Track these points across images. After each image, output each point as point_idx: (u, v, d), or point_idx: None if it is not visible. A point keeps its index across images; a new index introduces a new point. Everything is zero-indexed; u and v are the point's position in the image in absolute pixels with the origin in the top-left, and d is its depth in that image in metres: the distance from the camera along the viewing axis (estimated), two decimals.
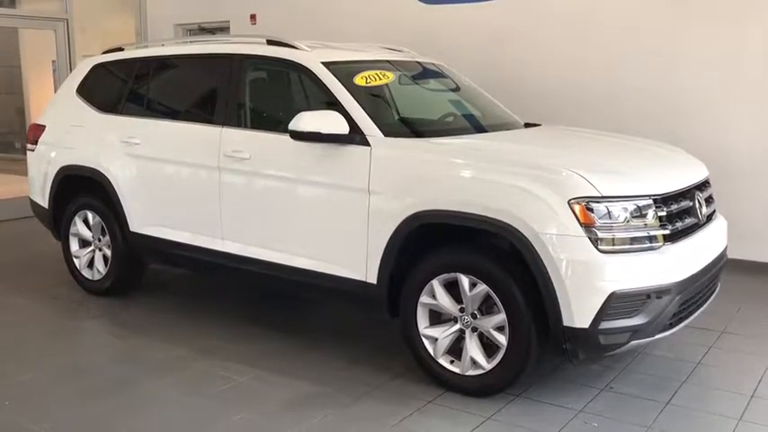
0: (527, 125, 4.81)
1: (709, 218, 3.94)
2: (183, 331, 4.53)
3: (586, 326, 3.30)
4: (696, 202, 3.81)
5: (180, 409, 3.56)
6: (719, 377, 3.91)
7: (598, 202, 3.33)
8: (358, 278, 3.89)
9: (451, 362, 3.70)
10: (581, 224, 3.30)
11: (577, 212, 3.31)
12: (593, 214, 3.31)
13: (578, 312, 3.30)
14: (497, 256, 3.55)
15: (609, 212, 3.34)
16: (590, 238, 3.30)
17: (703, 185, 3.99)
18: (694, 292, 3.63)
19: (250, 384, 3.79)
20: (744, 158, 5.71)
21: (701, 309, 3.80)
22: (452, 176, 3.61)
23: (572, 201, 3.32)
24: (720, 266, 3.95)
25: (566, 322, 3.33)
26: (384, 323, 4.03)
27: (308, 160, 4.03)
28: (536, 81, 6.49)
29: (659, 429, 3.33)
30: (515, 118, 4.91)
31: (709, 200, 4.01)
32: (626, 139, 4.52)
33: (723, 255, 4.01)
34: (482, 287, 3.53)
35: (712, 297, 3.94)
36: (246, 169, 4.28)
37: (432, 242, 3.74)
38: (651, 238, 3.40)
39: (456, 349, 3.70)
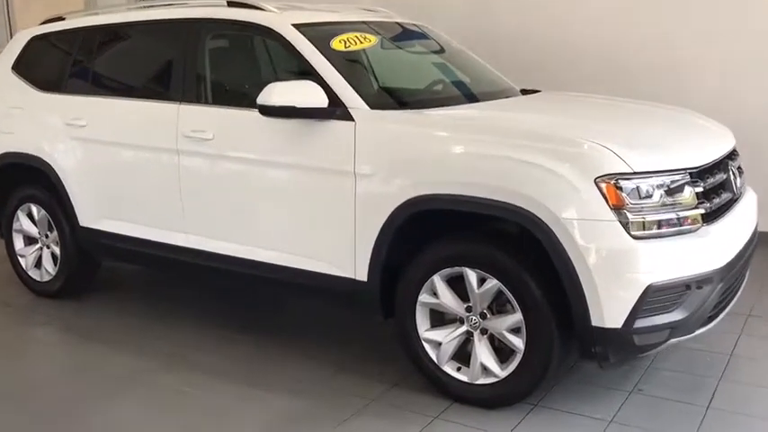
0: (524, 92, 4.28)
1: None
2: (145, 338, 3.96)
3: (619, 325, 2.81)
4: (731, 173, 3.32)
5: None
6: (758, 371, 3.45)
7: (629, 179, 2.82)
8: (345, 275, 3.35)
9: (458, 369, 3.19)
10: (610, 206, 2.79)
11: (606, 192, 2.79)
12: (624, 194, 2.80)
13: (609, 310, 2.80)
14: (510, 246, 3.03)
15: (642, 191, 2.83)
16: (621, 223, 2.79)
17: (733, 154, 3.50)
18: (734, 277, 3.16)
19: (222, 403, 3.25)
20: (753, 112, 5.19)
21: (738, 295, 3.33)
22: (455, 154, 3.06)
23: (599, 179, 2.80)
24: (754, 245, 3.48)
25: (594, 322, 2.83)
26: (374, 322, 3.48)
27: (280, 139, 3.46)
28: (520, 44, 5.92)
29: None
30: (510, 84, 4.37)
31: (740, 170, 3.52)
32: (641, 104, 4.01)
33: (755, 232, 3.54)
34: (493, 283, 3.01)
35: (745, 281, 3.48)
36: (209, 151, 3.69)
37: (431, 231, 3.21)
38: (689, 220, 2.90)
39: (463, 354, 3.19)
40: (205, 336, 3.94)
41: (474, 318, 3.10)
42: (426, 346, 3.22)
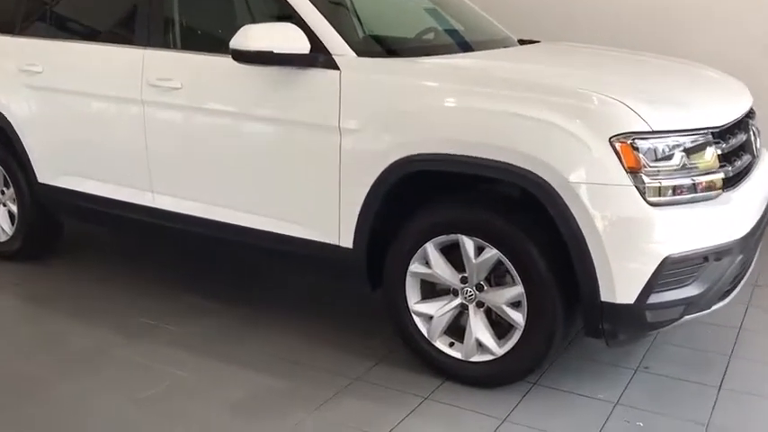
0: (522, 42, 3.94)
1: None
2: (111, 307, 3.64)
3: (631, 301, 2.54)
4: (751, 133, 3.03)
5: (103, 422, 2.71)
6: None
7: (646, 138, 2.52)
8: (329, 242, 3.04)
9: (451, 345, 2.92)
10: (626, 169, 2.49)
11: (621, 153, 2.49)
12: (641, 155, 2.50)
13: (621, 284, 2.53)
14: (512, 212, 2.73)
15: (660, 152, 2.54)
16: (637, 188, 2.49)
17: (751, 112, 3.20)
18: (753, 248, 2.89)
19: (193, 381, 2.96)
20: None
21: (752, 266, 3.08)
22: (450, 108, 2.74)
23: (614, 138, 2.50)
24: None
25: (604, 297, 2.55)
26: (360, 292, 3.19)
27: (257, 89, 3.11)
28: None
29: (719, 427, 2.63)
30: (507, 33, 4.02)
31: (758, 129, 3.23)
32: (651, 56, 3.69)
33: None
34: (492, 252, 2.72)
35: (758, 251, 3.22)
36: (177, 102, 3.32)
37: (425, 194, 2.91)
38: (709, 185, 2.62)
39: (456, 329, 2.91)
40: (174, 306, 3.62)
41: (470, 290, 2.82)
42: (416, 319, 2.94)
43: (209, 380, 2.96)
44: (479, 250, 2.75)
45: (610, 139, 2.49)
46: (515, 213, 2.72)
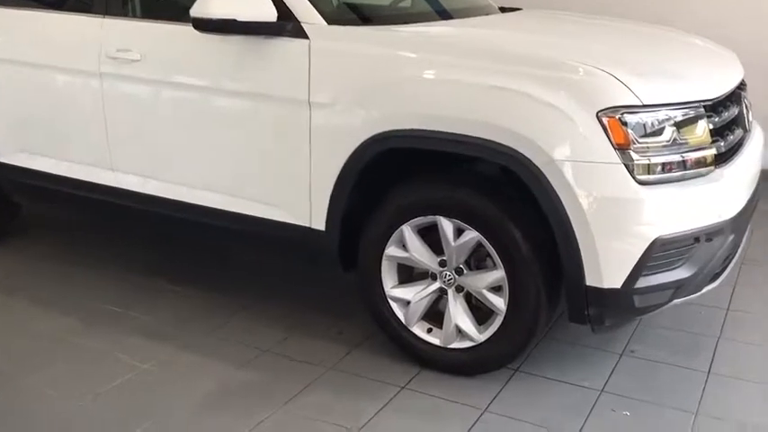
0: (502, 10, 3.75)
1: None
2: (73, 293, 3.44)
3: (618, 285, 2.40)
4: (744, 106, 2.89)
5: (58, 419, 2.55)
6: (759, 328, 3.11)
7: (636, 112, 2.36)
8: (299, 223, 2.87)
9: (429, 331, 2.77)
10: (614, 145, 2.34)
11: (609, 128, 2.34)
12: (630, 131, 2.35)
13: (608, 268, 2.39)
14: (493, 192, 2.58)
15: (650, 127, 2.38)
16: (626, 165, 2.34)
17: (743, 84, 3.06)
18: (744, 227, 2.77)
19: (157, 373, 2.79)
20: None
21: (742, 246, 2.95)
22: (429, 81, 2.55)
23: (602, 112, 2.34)
24: (759, 188, 3.08)
25: (590, 282, 2.41)
26: (334, 274, 3.02)
27: (220, 61, 2.90)
28: None
29: (708, 414, 2.52)
30: (487, 0, 3.84)
31: (750, 102, 3.09)
32: (639, 25, 3.52)
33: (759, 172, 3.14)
34: (472, 235, 2.56)
35: (749, 229, 3.10)
36: (137, 75, 3.10)
37: (401, 173, 2.74)
38: (700, 161, 2.47)
39: (435, 314, 2.77)
40: (138, 290, 3.44)
41: (448, 273, 2.67)
42: (393, 304, 2.79)
43: (173, 372, 2.80)
44: (459, 232, 2.60)
45: (597, 113, 2.33)
46: (497, 193, 2.56)
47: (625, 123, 2.34)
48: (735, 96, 2.82)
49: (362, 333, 3.01)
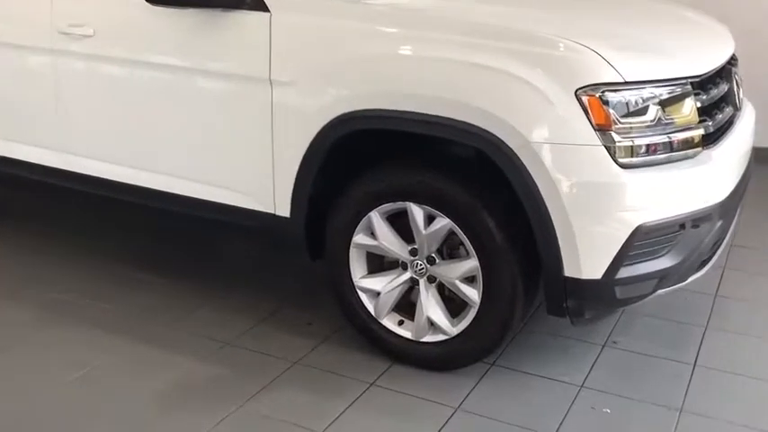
0: None
1: None
2: (32, 281, 3.26)
3: (598, 276, 2.25)
4: (734, 82, 2.72)
5: (6, 420, 2.39)
6: (750, 316, 2.97)
7: (618, 90, 2.19)
8: (263, 210, 2.70)
9: (400, 323, 2.62)
10: (594, 126, 2.17)
11: (589, 108, 2.17)
12: (612, 110, 2.18)
13: (588, 258, 2.23)
14: (466, 177, 2.41)
15: (633, 106, 2.21)
16: (606, 147, 2.18)
17: (733, 59, 2.88)
18: (733, 211, 2.61)
19: (115, 368, 2.63)
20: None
21: (731, 231, 2.80)
22: (398, 57, 2.37)
23: (581, 90, 2.17)
24: (751, 168, 2.92)
25: (568, 272, 2.26)
26: (301, 262, 2.86)
27: (176, 36, 2.71)
28: None
29: (693, 411, 2.38)
30: None
31: (740, 78, 2.92)
32: None
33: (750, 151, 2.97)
34: (444, 222, 2.40)
35: (739, 213, 2.94)
36: (91, 51, 2.91)
37: (368, 155, 2.57)
38: (687, 142, 2.31)
39: (406, 305, 2.62)
40: (106, 279, 3.27)
41: (420, 263, 2.51)
42: (362, 295, 2.63)
43: (132, 367, 2.64)
44: (430, 219, 2.44)
45: (576, 91, 2.16)
46: (469, 178, 2.40)
47: (606, 102, 2.17)
48: (725, 72, 2.65)
49: (332, 325, 2.85)
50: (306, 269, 3.04)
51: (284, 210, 2.65)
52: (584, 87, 2.16)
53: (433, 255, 2.48)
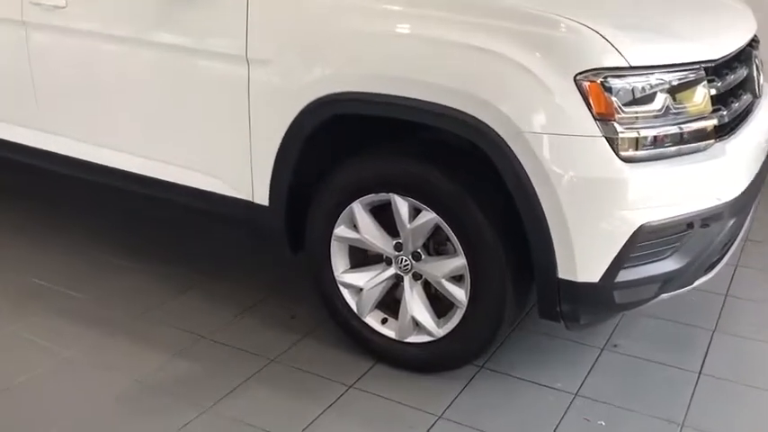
0: None
1: None
2: (1, 264, 3.14)
3: (596, 279, 2.06)
4: (754, 67, 2.50)
5: None
6: (765, 319, 2.77)
7: (623, 76, 1.98)
8: (240, 197, 2.53)
9: (384, 321, 2.45)
10: (594, 115, 1.97)
11: (589, 95, 1.96)
12: (614, 98, 1.97)
13: (584, 259, 2.05)
14: (452, 166, 2.22)
15: (638, 94, 2.00)
16: (608, 139, 1.98)
17: (755, 41, 2.65)
18: (746, 209, 2.40)
19: (79, 363, 2.49)
20: None
21: (745, 229, 2.58)
22: (384, 36, 2.17)
23: (581, 76, 1.96)
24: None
25: (562, 274, 2.07)
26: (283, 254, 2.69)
27: (149, 9, 2.52)
28: None
29: (697, 426, 2.19)
30: None
31: (761, 62, 2.69)
32: None
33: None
34: (429, 216, 2.22)
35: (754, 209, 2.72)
36: (62, 24, 2.74)
37: (351, 142, 2.38)
38: (698, 134, 2.10)
39: (391, 302, 2.45)
40: (78, 264, 3.13)
41: (405, 258, 2.33)
42: (344, 291, 2.46)
43: (97, 361, 2.49)
44: (415, 212, 2.26)
45: (575, 77, 1.96)
46: (457, 169, 2.20)
47: (608, 89, 1.96)
48: (744, 56, 2.43)
49: (316, 319, 2.69)
50: (297, 257, 2.87)
51: (263, 198, 2.48)
52: (584, 72, 1.95)
53: (419, 250, 2.30)
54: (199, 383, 2.38)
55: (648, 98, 2.02)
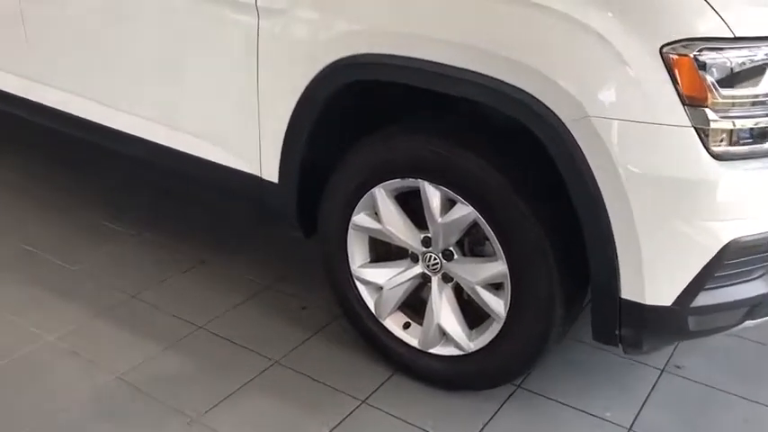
0: None
1: None
2: None
3: (668, 302, 1.66)
4: None
5: None
6: None
7: (722, 49, 1.55)
8: (247, 170, 2.17)
9: (406, 326, 2.10)
10: (682, 98, 1.54)
11: (677, 72, 1.53)
12: (710, 78, 1.54)
13: (655, 278, 1.64)
14: (498, 151, 1.82)
15: (740, 73, 1.57)
16: (698, 130, 1.55)
17: None
18: None
19: (59, 350, 2.19)
20: None
21: None
22: None
23: (669, 47, 1.53)
24: None
25: (626, 293, 1.68)
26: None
27: None
28: None
29: None
30: None
31: None
32: None
33: None
34: (465, 210, 1.83)
35: None
36: None
37: (375, 113, 1.99)
38: None
39: (416, 303, 2.08)
40: (73, 227, 2.83)
41: (434, 256, 1.96)
42: (361, 287, 2.10)
43: (77, 350, 2.19)
44: (449, 204, 1.87)
45: (661, 48, 1.53)
46: (503, 155, 1.80)
47: (703, 66, 1.53)
48: None
49: (330, 312, 2.34)
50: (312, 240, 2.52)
51: (272, 173, 2.12)
52: (673, 43, 1.52)
53: (451, 248, 1.93)
54: (188, 386, 2.06)
55: (752, 79, 1.58)
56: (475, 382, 2.02)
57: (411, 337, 2.07)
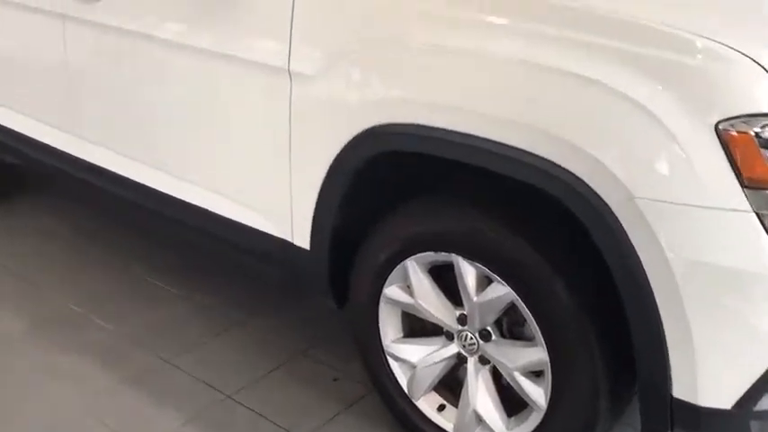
0: None
1: None
2: (43, 281, 2.84)
3: (727, 405, 1.48)
4: None
5: None
6: None
7: None
8: (278, 235, 2.09)
9: (440, 408, 1.96)
10: (742, 180, 1.38)
11: (735, 151, 1.38)
12: None
13: (711, 379, 1.47)
14: (539, 230, 1.68)
15: None
16: (759, 216, 1.39)
17: None
18: None
19: (87, 411, 2.14)
20: None
21: None
22: (468, 53, 1.62)
23: (726, 123, 1.38)
24: None
25: (678, 393, 1.50)
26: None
27: (186, 6, 2.12)
28: None
29: None
30: None
31: None
32: None
33: None
34: (503, 290, 1.69)
35: None
36: (98, 19, 2.37)
37: (410, 182, 1.89)
38: None
39: (453, 383, 1.94)
40: (114, 282, 2.80)
41: (470, 335, 1.82)
42: (393, 364, 1.98)
43: (102, 418, 2.13)
44: (486, 281, 1.74)
45: (717, 125, 1.38)
46: (545, 234, 1.67)
47: (765, 144, 1.38)
48: None
49: (364, 385, 2.22)
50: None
51: (303, 239, 2.03)
52: (730, 119, 1.37)
53: (489, 328, 1.79)
54: None
55: None
56: None
57: (446, 421, 1.93)
